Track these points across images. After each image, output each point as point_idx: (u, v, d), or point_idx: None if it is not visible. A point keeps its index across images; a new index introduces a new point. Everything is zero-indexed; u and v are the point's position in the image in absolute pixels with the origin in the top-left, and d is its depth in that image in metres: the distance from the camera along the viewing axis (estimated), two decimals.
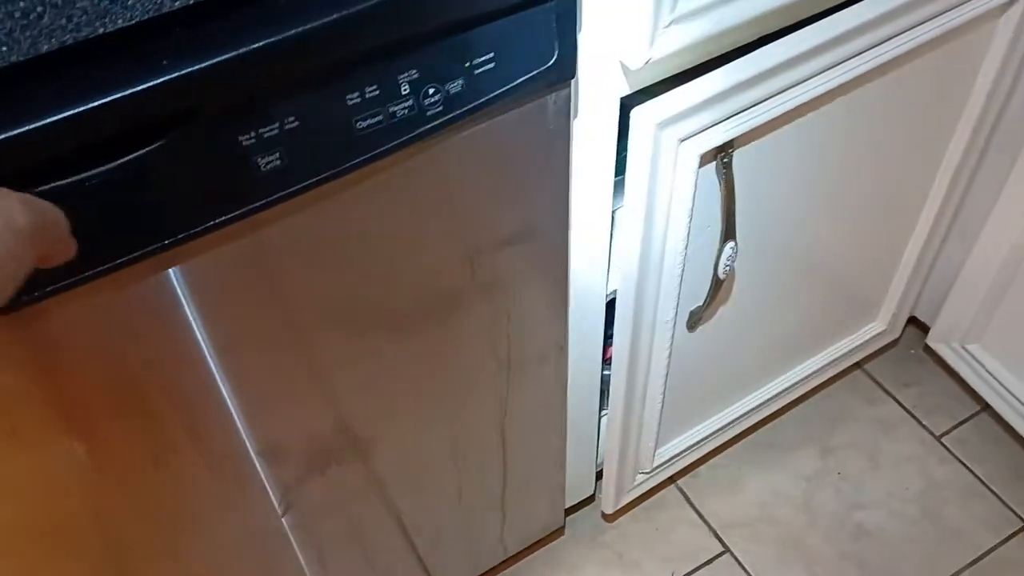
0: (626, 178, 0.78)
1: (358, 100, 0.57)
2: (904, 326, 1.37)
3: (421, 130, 0.61)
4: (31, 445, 0.61)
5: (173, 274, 0.59)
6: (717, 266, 0.88)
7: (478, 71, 0.61)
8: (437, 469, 0.92)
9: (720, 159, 0.81)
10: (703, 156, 0.79)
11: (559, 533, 1.23)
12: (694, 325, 0.98)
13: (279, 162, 0.56)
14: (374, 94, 0.58)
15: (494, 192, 0.71)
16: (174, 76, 0.49)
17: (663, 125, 0.74)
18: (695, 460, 1.26)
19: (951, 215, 1.18)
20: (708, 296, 0.93)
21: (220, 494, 0.76)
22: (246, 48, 0.51)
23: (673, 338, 0.96)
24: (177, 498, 0.73)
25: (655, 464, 1.16)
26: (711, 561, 1.22)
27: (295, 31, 0.52)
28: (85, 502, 0.68)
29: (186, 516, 0.75)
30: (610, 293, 0.92)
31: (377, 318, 0.73)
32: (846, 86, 0.85)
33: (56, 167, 0.49)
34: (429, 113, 0.61)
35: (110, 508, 0.70)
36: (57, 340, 0.58)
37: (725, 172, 0.82)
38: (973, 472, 1.29)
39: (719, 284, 0.91)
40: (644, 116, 0.73)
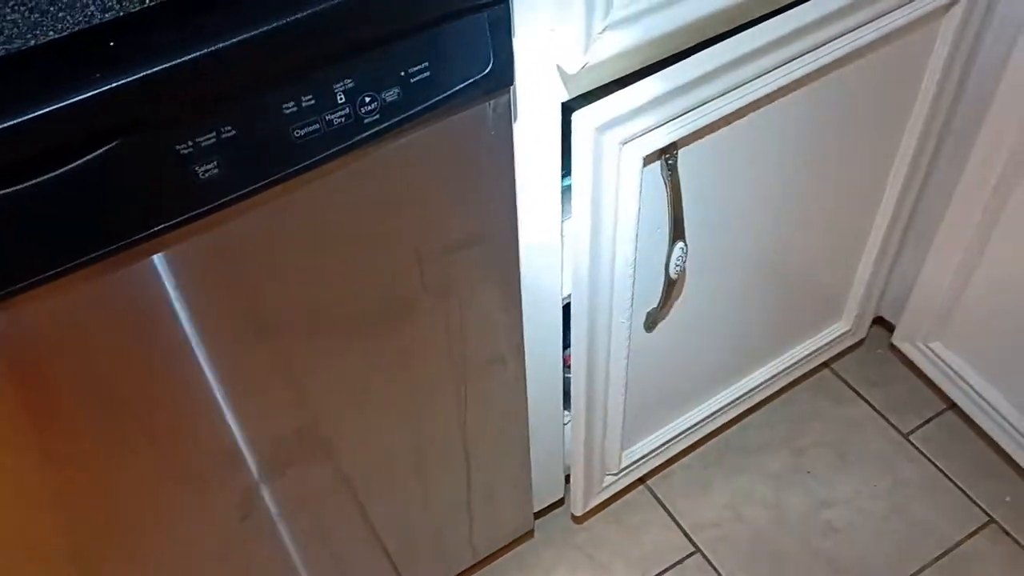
0: (572, 181, 0.80)
1: (294, 109, 0.59)
2: (870, 326, 1.39)
3: (359, 138, 0.63)
4: None
5: (119, 278, 0.61)
6: (668, 267, 0.90)
7: (414, 80, 0.63)
8: (400, 470, 0.94)
9: (665, 160, 0.83)
10: (646, 158, 0.81)
11: (529, 536, 1.24)
12: (651, 326, 1.00)
13: (217, 170, 0.58)
14: (310, 103, 0.60)
15: (439, 197, 0.73)
16: (105, 89, 0.51)
17: (603, 128, 0.76)
18: (664, 461, 1.28)
19: (906, 217, 1.20)
20: (662, 297, 0.95)
21: (181, 494, 0.77)
22: (177, 60, 0.52)
23: (630, 339, 0.98)
24: (138, 500, 0.75)
25: (622, 465, 1.18)
26: (682, 561, 1.24)
27: (226, 43, 0.54)
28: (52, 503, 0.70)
29: (147, 517, 0.77)
30: (566, 296, 0.93)
31: (330, 321, 0.75)
32: (788, 88, 0.87)
33: None
34: (367, 121, 0.63)
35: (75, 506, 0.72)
36: None
37: (670, 174, 0.84)
38: (940, 468, 1.31)
39: (672, 285, 0.93)
40: (584, 120, 0.75)
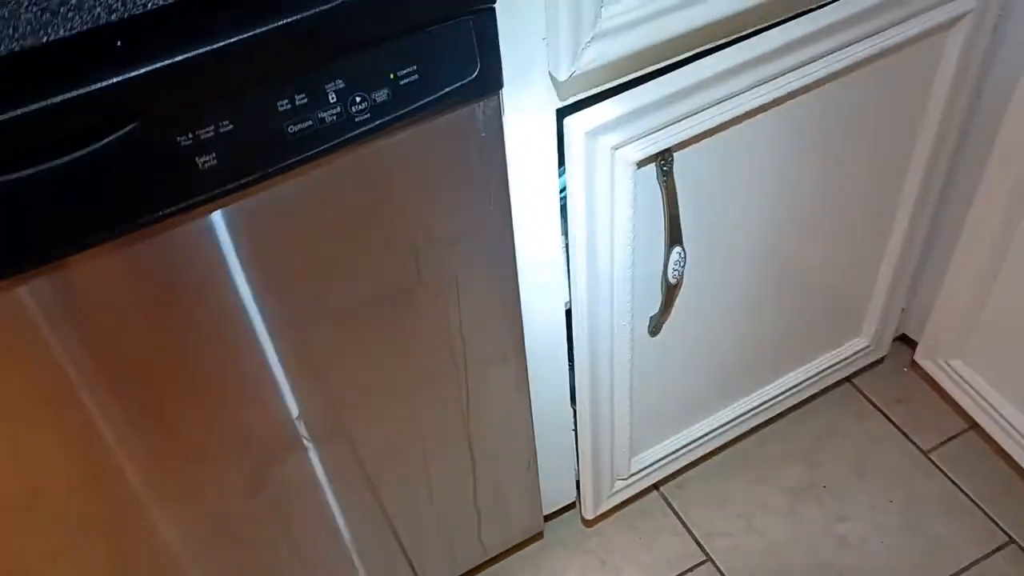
0: (566, 184, 0.83)
1: (288, 107, 0.64)
2: (893, 343, 1.39)
3: (350, 135, 0.67)
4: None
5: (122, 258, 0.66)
6: (666, 271, 0.93)
7: (403, 82, 0.68)
8: (406, 464, 0.97)
9: (659, 165, 0.86)
10: (640, 163, 0.84)
11: (540, 537, 1.26)
12: (655, 331, 1.02)
13: (215, 161, 0.63)
14: (303, 102, 0.65)
15: (431, 194, 0.77)
16: (112, 83, 0.56)
17: (594, 134, 0.79)
18: (678, 469, 1.29)
19: (923, 235, 1.20)
20: (662, 302, 0.98)
21: (189, 470, 0.82)
22: (179, 58, 0.58)
23: (633, 344, 1.00)
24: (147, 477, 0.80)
25: (632, 471, 1.20)
26: (693, 569, 1.25)
27: (223, 43, 0.59)
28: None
29: (155, 498, 0.82)
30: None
31: (331, 313, 0.79)
32: (783, 98, 0.89)
33: (10, 160, 0.56)
34: (358, 120, 0.67)
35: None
36: None
37: (665, 179, 0.87)
38: (959, 487, 1.30)
39: (672, 289, 0.96)
40: (575, 125, 0.79)
